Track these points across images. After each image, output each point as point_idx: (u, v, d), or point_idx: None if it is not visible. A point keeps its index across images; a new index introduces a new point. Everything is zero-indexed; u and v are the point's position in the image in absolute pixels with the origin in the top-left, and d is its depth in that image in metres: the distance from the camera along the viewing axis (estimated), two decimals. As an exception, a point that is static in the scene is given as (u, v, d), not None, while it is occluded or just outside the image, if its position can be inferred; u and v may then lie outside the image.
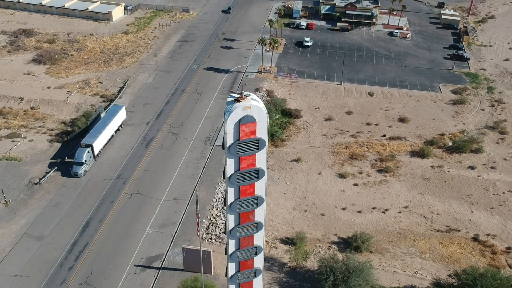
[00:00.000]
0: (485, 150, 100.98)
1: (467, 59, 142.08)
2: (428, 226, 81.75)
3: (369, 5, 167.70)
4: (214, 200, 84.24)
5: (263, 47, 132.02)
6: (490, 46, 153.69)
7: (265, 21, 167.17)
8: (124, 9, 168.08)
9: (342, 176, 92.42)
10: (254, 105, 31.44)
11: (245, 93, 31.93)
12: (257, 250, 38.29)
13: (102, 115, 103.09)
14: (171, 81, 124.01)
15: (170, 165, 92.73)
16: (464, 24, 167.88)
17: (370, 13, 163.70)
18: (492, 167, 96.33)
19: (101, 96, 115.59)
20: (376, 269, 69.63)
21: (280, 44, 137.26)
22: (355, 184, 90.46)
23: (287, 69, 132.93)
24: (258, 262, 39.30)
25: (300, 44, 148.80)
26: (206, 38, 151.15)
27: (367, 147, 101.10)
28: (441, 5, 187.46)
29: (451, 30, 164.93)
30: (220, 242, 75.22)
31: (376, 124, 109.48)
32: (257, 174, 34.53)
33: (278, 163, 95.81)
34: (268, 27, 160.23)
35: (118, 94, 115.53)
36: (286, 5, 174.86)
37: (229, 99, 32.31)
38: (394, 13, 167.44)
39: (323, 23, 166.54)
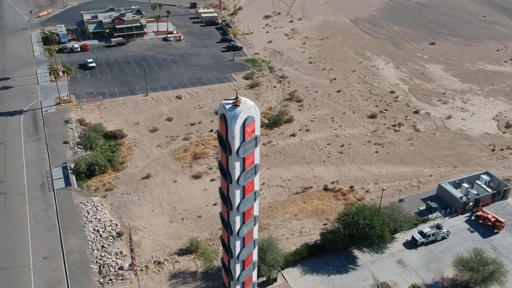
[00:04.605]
0: (294, 118, 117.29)
1: (240, 48, 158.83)
2: (287, 192, 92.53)
3: (134, 16, 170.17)
4: (90, 242, 78.05)
5: (56, 78, 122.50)
6: (252, 33, 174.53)
7: (31, 51, 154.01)
8: None
9: (196, 176, 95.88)
10: (252, 105, 33.65)
11: (239, 97, 33.72)
12: (255, 242, 40.35)
13: None
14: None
15: (16, 226, 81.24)
16: (223, 19, 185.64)
17: (139, 24, 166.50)
18: (306, 130, 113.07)
19: None
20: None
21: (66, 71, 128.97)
22: (212, 180, 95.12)
23: (86, 94, 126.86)
24: (255, 254, 41.34)
25: (84, 66, 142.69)
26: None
27: (203, 145, 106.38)
28: (194, 6, 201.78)
29: (214, 26, 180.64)
30: (122, 279, 71.13)
31: (199, 123, 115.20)
32: (255, 169, 36.70)
33: (130, 185, 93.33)
34: (39, 57, 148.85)
35: None
36: (49, 31, 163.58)
37: (228, 106, 33.52)
38: (159, 19, 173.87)
39: (95, 42, 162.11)
